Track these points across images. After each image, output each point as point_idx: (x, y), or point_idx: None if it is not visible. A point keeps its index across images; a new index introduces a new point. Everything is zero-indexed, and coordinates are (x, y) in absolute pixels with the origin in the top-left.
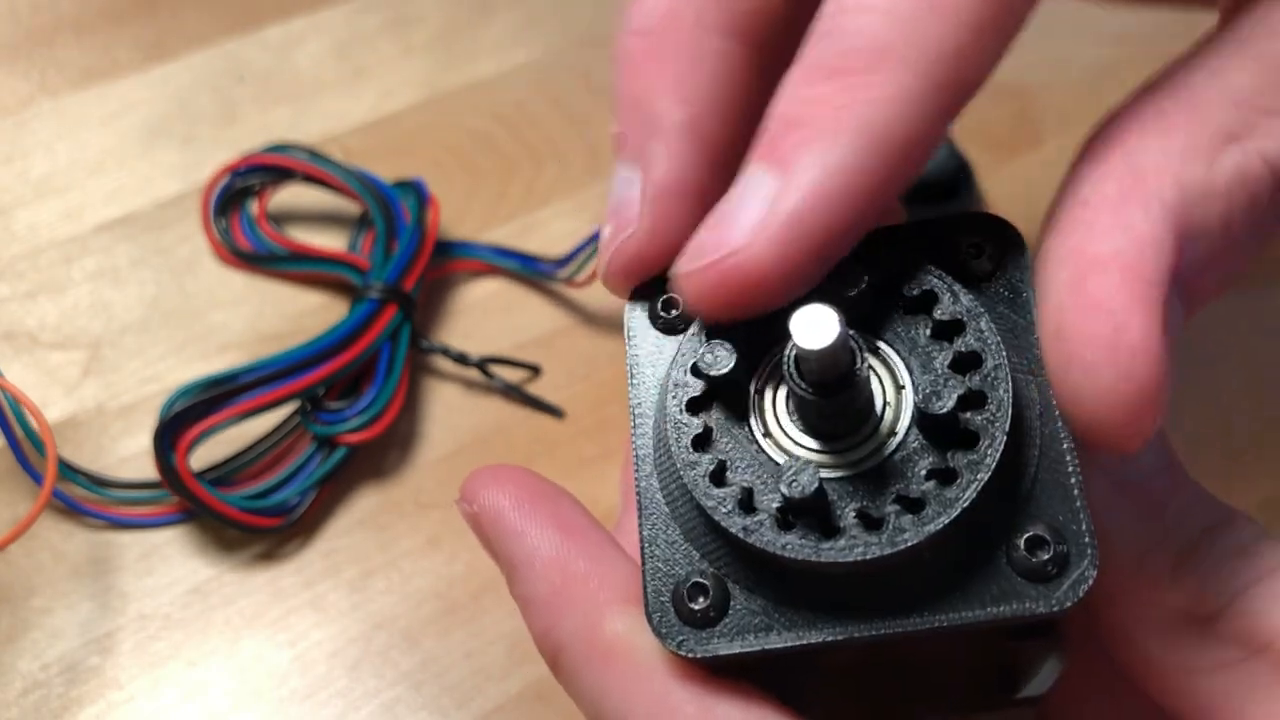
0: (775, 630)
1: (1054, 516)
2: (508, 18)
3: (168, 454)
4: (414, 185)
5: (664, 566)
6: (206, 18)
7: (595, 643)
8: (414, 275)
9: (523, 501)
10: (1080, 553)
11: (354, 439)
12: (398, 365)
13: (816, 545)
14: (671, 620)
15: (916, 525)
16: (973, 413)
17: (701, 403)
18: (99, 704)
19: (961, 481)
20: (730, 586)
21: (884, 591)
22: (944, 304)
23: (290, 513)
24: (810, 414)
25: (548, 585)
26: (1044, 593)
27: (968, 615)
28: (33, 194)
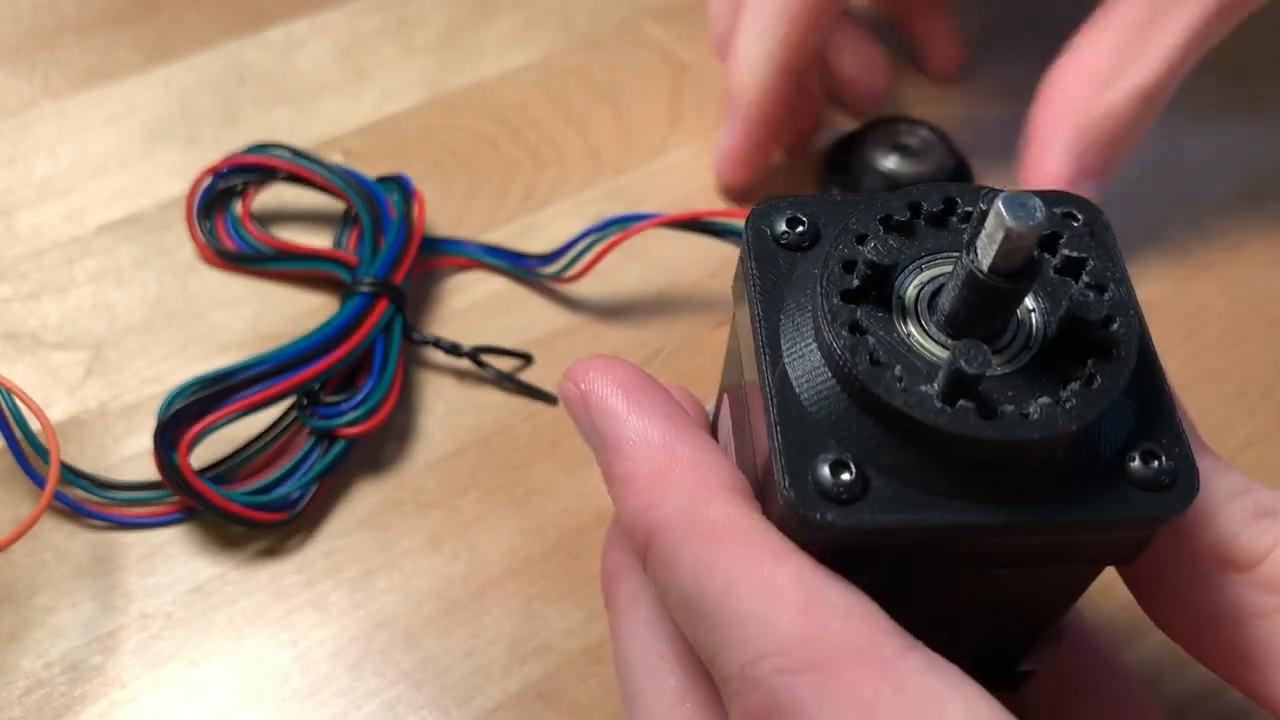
0: (917, 510)
1: (1160, 436)
2: (509, 19)
3: (169, 453)
4: (398, 180)
5: (799, 448)
6: (208, 19)
7: (700, 521)
8: (403, 269)
9: (631, 389)
10: (1186, 468)
11: (352, 432)
12: (392, 358)
13: (977, 423)
14: (811, 493)
15: (1067, 416)
16: (1105, 330)
17: (853, 295)
18: (101, 703)
19: (1102, 384)
20: (868, 470)
21: (1019, 485)
22: (1069, 241)
23: (293, 507)
24: (974, 310)
25: (651, 466)
26: (1159, 500)
27: (1096, 515)
28: (35, 195)
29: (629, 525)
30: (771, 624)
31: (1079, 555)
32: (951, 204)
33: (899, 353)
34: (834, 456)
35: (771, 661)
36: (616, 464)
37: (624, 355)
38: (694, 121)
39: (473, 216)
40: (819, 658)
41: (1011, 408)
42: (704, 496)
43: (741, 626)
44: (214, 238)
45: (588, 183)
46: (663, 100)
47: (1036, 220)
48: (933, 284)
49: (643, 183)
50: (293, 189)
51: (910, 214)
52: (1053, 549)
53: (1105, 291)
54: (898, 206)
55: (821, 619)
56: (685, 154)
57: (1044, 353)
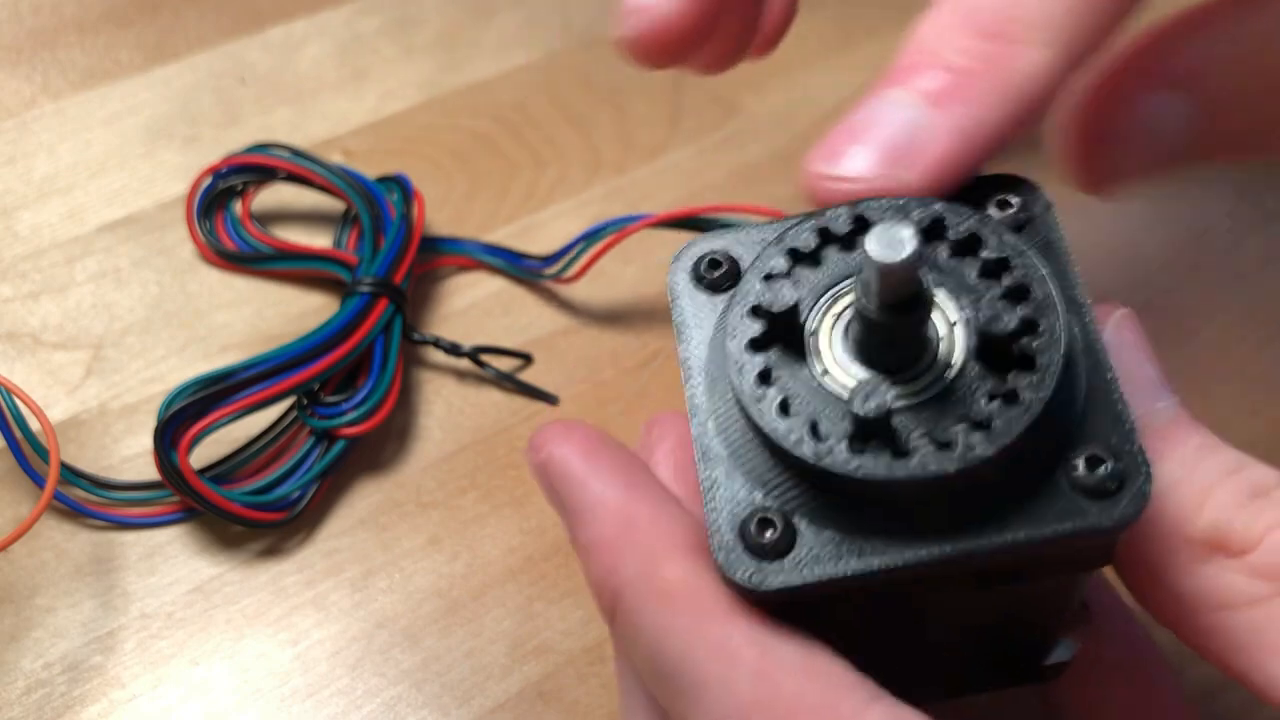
0: (846, 558)
1: (1106, 438)
2: (508, 19)
3: (169, 452)
4: (398, 180)
5: (727, 505)
6: (208, 19)
7: (655, 584)
8: (403, 269)
9: (590, 453)
10: (1135, 469)
11: (352, 431)
12: (392, 358)
13: (890, 465)
14: (739, 554)
15: (986, 441)
16: (1028, 338)
17: (761, 343)
18: (101, 702)
19: (1025, 399)
20: (796, 520)
21: (950, 516)
22: (990, 244)
23: (293, 507)
24: (875, 343)
25: (611, 530)
26: (1106, 508)
27: (1035, 533)
28: (35, 195)
29: (595, 592)
30: (729, 689)
31: (1041, 570)
32: (863, 223)
33: (814, 395)
34: (760, 512)
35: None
36: (579, 531)
37: (623, 356)
38: (694, 121)
39: (473, 216)
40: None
41: (925, 440)
42: (659, 559)
43: (702, 692)
44: (214, 237)
45: (588, 183)
46: (663, 100)
47: (907, 254)
48: (847, 313)
49: (643, 183)
50: (293, 189)
51: (819, 240)
52: (1009, 569)
53: (1028, 294)
54: (805, 236)
55: (777, 679)
56: (685, 154)
57: (966, 370)
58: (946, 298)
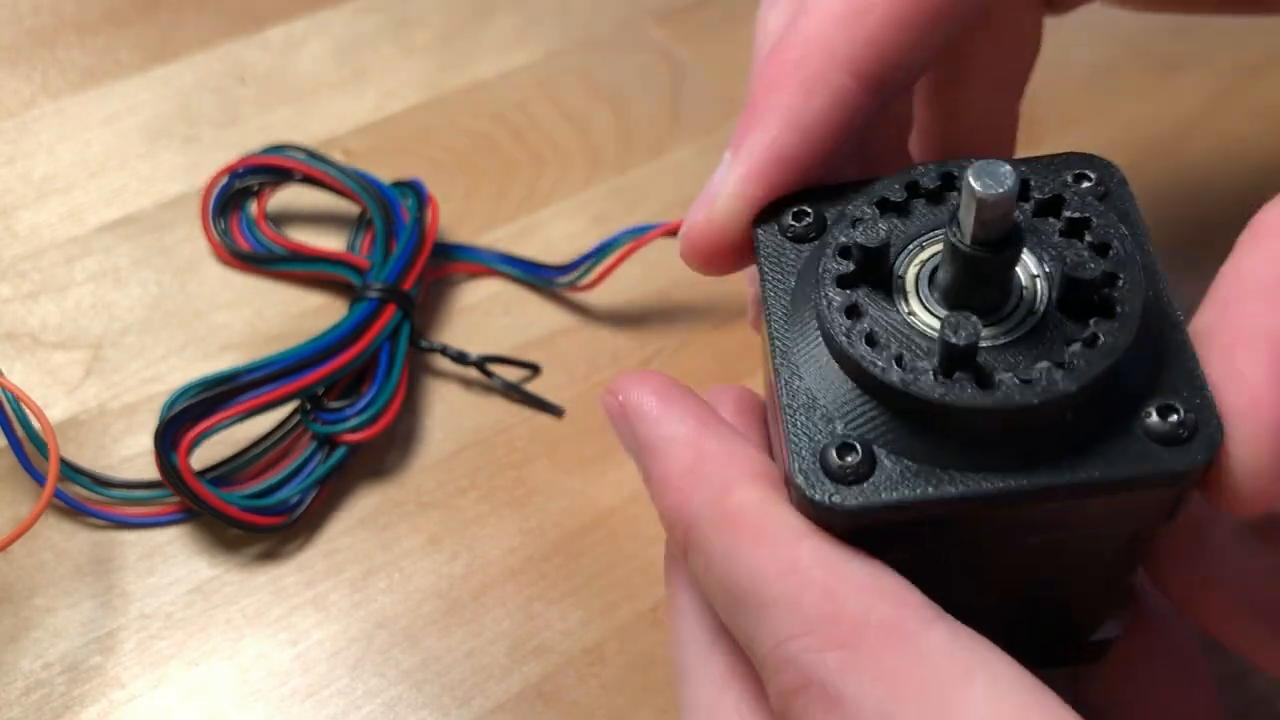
0: (924, 485)
1: (1178, 390)
2: (508, 19)
3: (169, 453)
4: (413, 185)
5: (806, 433)
6: (208, 19)
7: (726, 510)
8: (413, 275)
9: (665, 396)
10: (1206, 418)
11: (354, 438)
12: (397, 365)
13: (975, 394)
14: (819, 476)
15: (1069, 378)
16: (1108, 289)
17: (850, 280)
18: (101, 703)
19: (1106, 342)
20: (876, 450)
21: (1028, 452)
22: (1072, 204)
23: (291, 511)
24: (965, 282)
25: (683, 463)
26: (1178, 454)
27: (1109, 474)
28: (35, 195)
29: (667, 525)
30: (797, 605)
31: (1108, 518)
32: (949, 179)
33: (899, 332)
34: (841, 439)
35: (800, 641)
36: (652, 465)
37: (625, 356)
38: (694, 121)
39: (472, 216)
40: (844, 635)
41: (1010, 375)
42: (729, 487)
43: (770, 610)
44: (229, 238)
45: (588, 183)
46: (663, 100)
47: (1006, 187)
48: (932, 261)
49: (643, 183)
50: (308, 190)
51: (907, 194)
52: (1077, 513)
53: (1109, 250)
54: (894, 188)
55: (844, 596)
56: (685, 154)
57: (1048, 318)
58: (1029, 252)
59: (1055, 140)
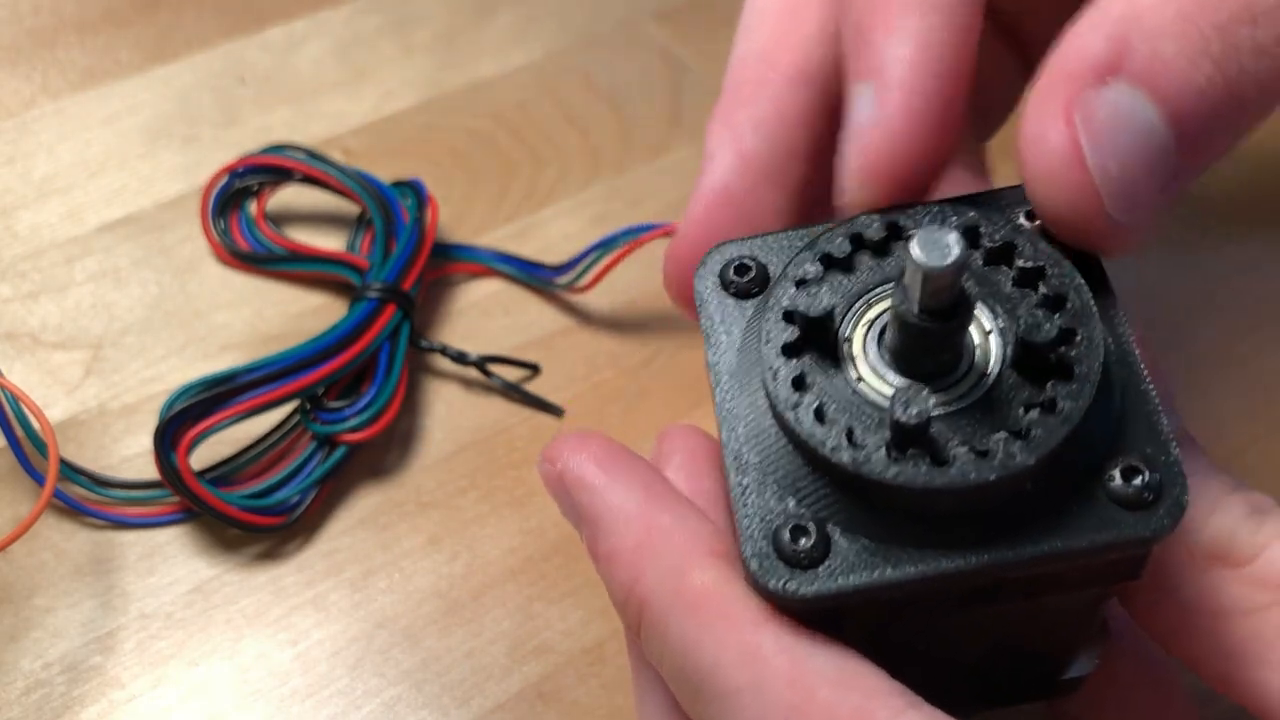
0: (881, 566)
1: (1142, 449)
2: (508, 18)
3: (168, 454)
4: (412, 185)
5: (759, 514)
6: (207, 19)
7: (682, 593)
8: (413, 275)
9: (606, 462)
10: (1172, 479)
11: (354, 438)
12: (397, 364)
13: (929, 473)
14: (772, 561)
15: (1026, 450)
16: (1065, 347)
17: (795, 348)
18: (101, 703)
19: (1064, 408)
20: (830, 529)
21: (987, 526)
22: (1025, 252)
23: (291, 511)
24: (913, 349)
25: (632, 538)
26: (1143, 519)
27: (1071, 544)
28: (35, 195)
29: (618, 603)
30: (760, 696)
31: (1074, 582)
32: (895, 229)
33: (848, 402)
34: (794, 519)
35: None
36: (598, 541)
37: (626, 356)
38: (694, 121)
39: (472, 216)
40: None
41: (965, 449)
42: (684, 566)
43: (733, 699)
44: (228, 237)
45: (588, 183)
46: (663, 100)
47: (952, 258)
48: (880, 320)
49: (643, 183)
50: (308, 190)
51: (852, 246)
52: (1043, 580)
53: (1065, 303)
54: (836, 241)
55: (810, 686)
56: (685, 154)
57: (1003, 379)
58: (981, 306)
59: None
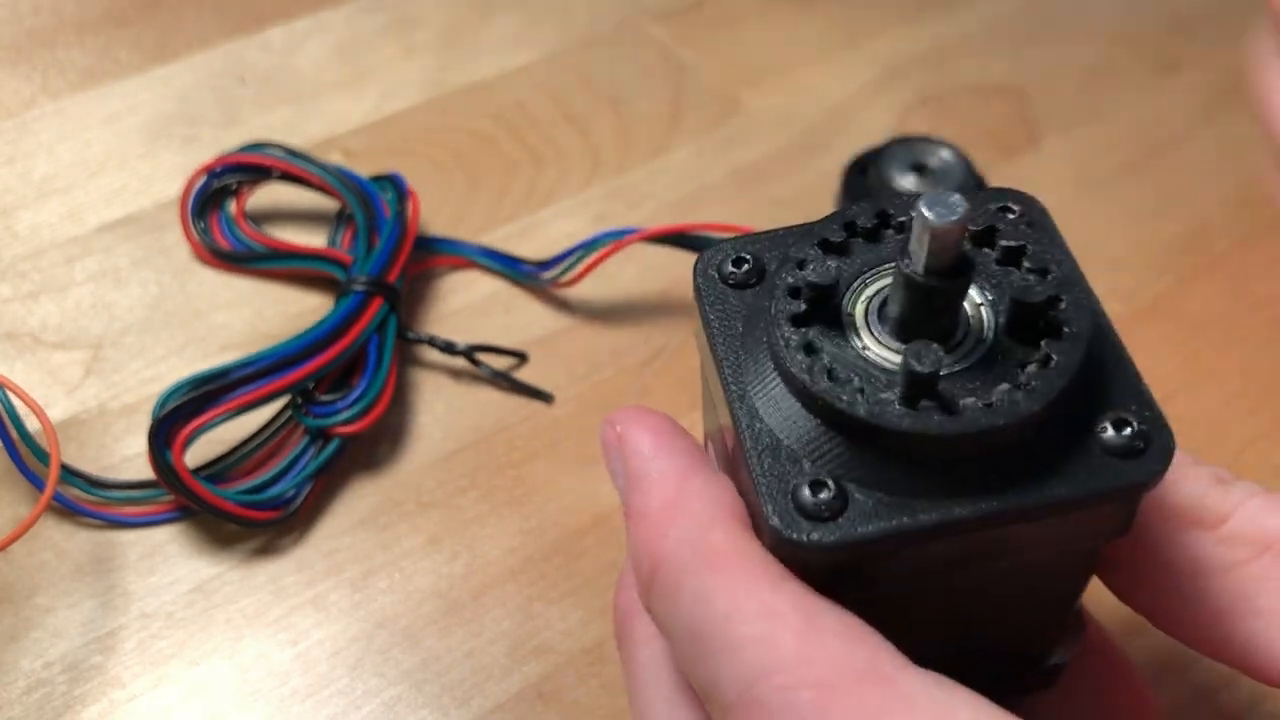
0: (898, 516)
1: (1128, 404)
2: (508, 19)
3: (163, 452)
4: (392, 179)
5: (775, 475)
6: (208, 19)
7: (701, 549)
8: (397, 268)
9: (660, 436)
10: (1158, 428)
11: (347, 430)
12: (386, 356)
13: (942, 421)
14: (794, 516)
15: (1029, 399)
16: (1054, 310)
17: (803, 319)
18: (101, 702)
19: (1060, 361)
20: (846, 485)
21: (996, 475)
22: (1005, 232)
23: (287, 505)
24: (917, 313)
25: (664, 498)
26: (1136, 466)
27: (1077, 490)
28: (35, 195)
29: (636, 560)
30: (773, 645)
31: (1073, 534)
32: (885, 217)
33: (856, 366)
34: (811, 476)
35: (774, 679)
36: (633, 497)
37: (624, 354)
38: (694, 121)
39: (473, 216)
40: (822, 675)
41: (973, 400)
42: (709, 525)
43: (742, 650)
44: (209, 237)
45: (588, 182)
46: (663, 100)
47: (958, 215)
48: (879, 296)
49: (643, 182)
50: (287, 188)
51: (846, 233)
52: (1045, 533)
53: (1048, 273)
54: (833, 228)
55: (822, 639)
56: (685, 154)
57: (998, 343)
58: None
59: (1055, 140)
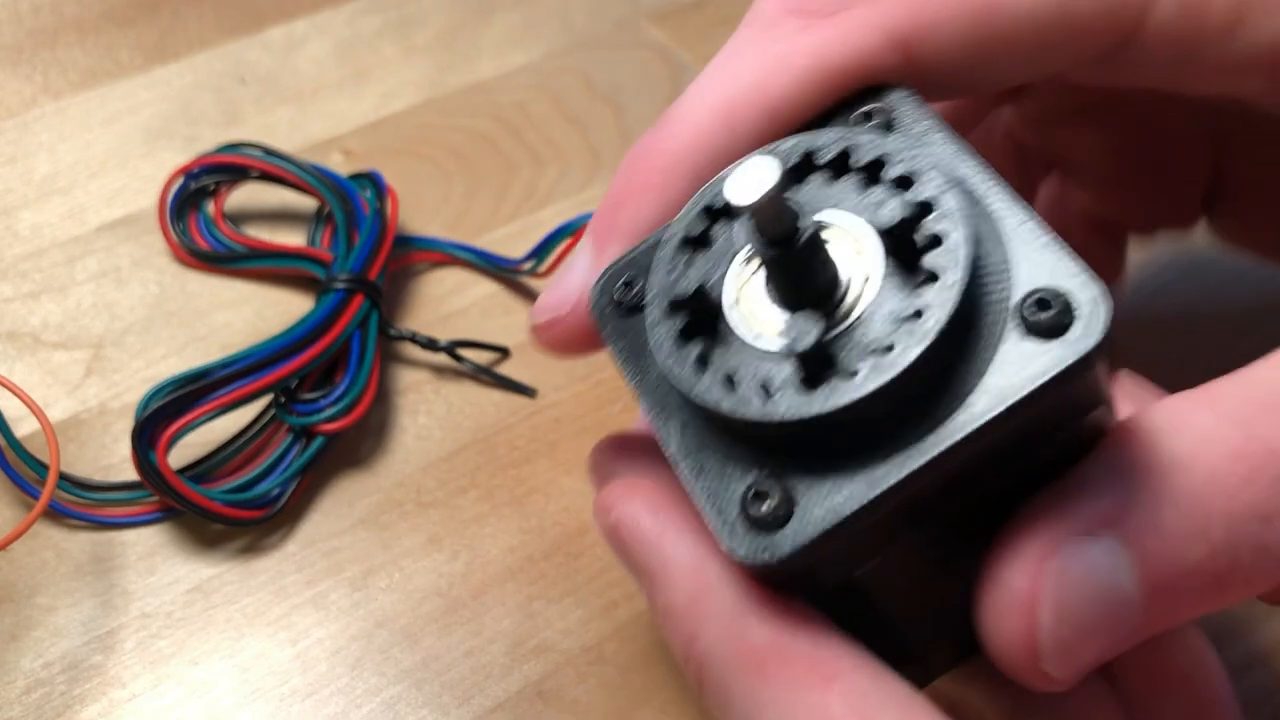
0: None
1: (1042, 277)
2: (508, 19)
3: (147, 453)
4: (370, 177)
5: (715, 499)
6: (208, 19)
7: (741, 651)
8: (377, 265)
9: (658, 509)
10: (1084, 287)
11: (331, 428)
12: (369, 353)
13: (845, 389)
14: (749, 536)
15: (926, 327)
16: (929, 220)
17: (689, 332)
18: (101, 702)
19: (948, 276)
20: (789, 483)
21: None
22: (858, 152)
23: (273, 504)
24: (789, 283)
25: (686, 593)
26: (1069, 341)
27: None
28: (36, 195)
29: (679, 660)
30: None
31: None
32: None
33: (755, 360)
34: (750, 487)
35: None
36: (655, 595)
37: None
38: None
39: (473, 216)
40: None
41: (871, 354)
42: (740, 620)
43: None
44: (188, 238)
45: (588, 182)
46: (662, 100)
47: (766, 190)
48: (757, 274)
49: None
50: (266, 187)
51: (707, 221)
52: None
53: (910, 183)
54: (690, 222)
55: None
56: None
57: (886, 279)
58: (846, 217)
59: None
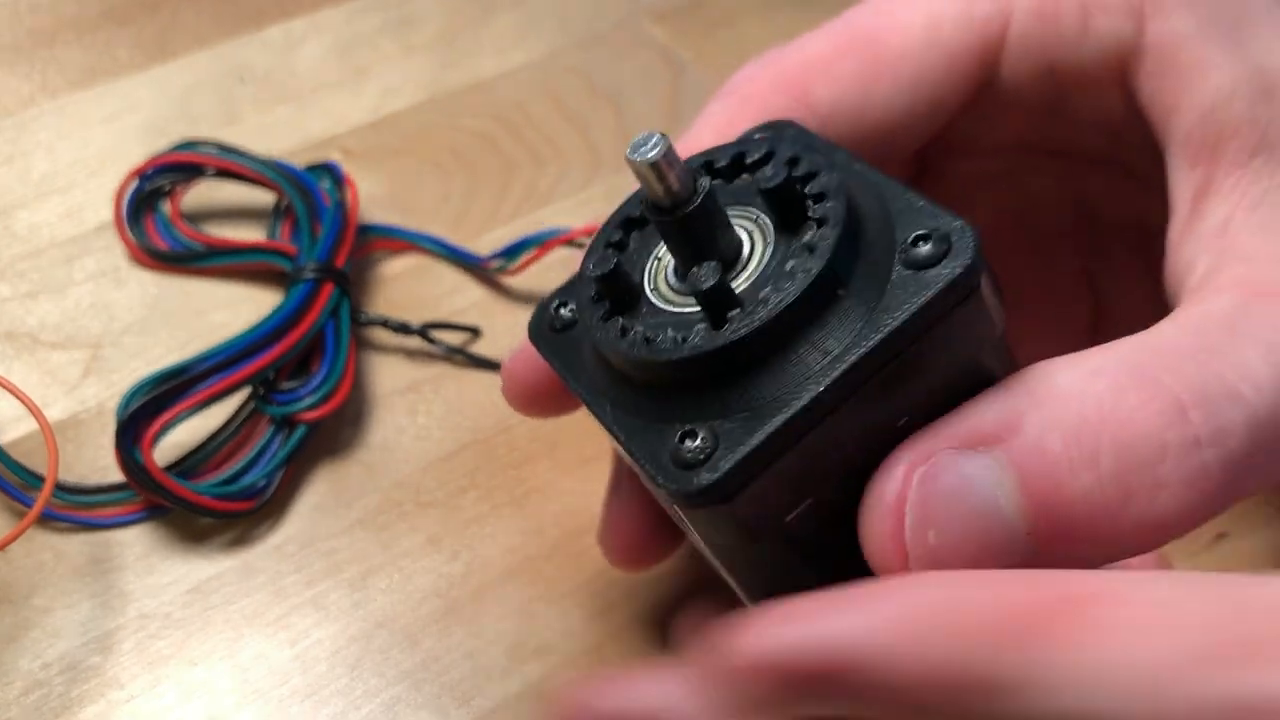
0: (771, 417)
1: (919, 224)
2: (508, 18)
3: (131, 451)
4: (327, 168)
5: (649, 450)
6: (207, 18)
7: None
8: (343, 254)
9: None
10: (952, 221)
11: (311, 416)
12: (344, 341)
13: (749, 318)
14: (686, 475)
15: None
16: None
17: (611, 312)
18: (100, 703)
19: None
20: (711, 424)
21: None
22: (753, 151)
23: (260, 495)
24: (691, 249)
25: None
26: (949, 265)
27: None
28: (34, 194)
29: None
30: None
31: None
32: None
33: (667, 325)
34: (678, 432)
35: None
36: None
37: None
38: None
39: (472, 216)
40: None
41: (770, 288)
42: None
43: None
44: (145, 239)
45: (588, 182)
46: (662, 100)
47: (654, 147)
48: (666, 261)
49: None
50: (222, 184)
51: (624, 231)
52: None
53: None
54: (610, 230)
55: None
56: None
57: (779, 244)
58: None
59: None
